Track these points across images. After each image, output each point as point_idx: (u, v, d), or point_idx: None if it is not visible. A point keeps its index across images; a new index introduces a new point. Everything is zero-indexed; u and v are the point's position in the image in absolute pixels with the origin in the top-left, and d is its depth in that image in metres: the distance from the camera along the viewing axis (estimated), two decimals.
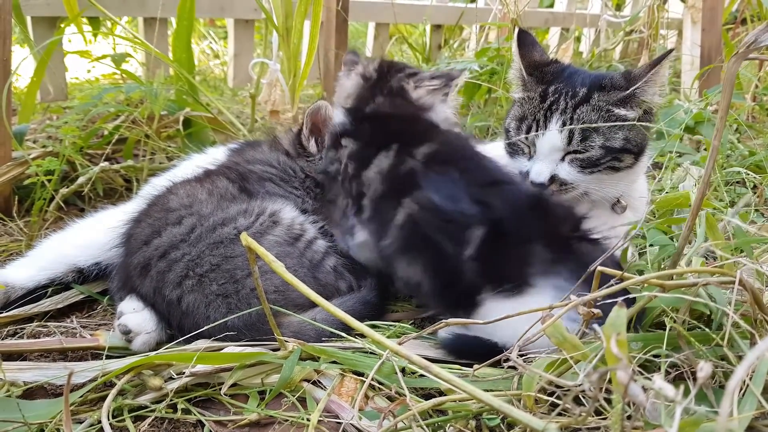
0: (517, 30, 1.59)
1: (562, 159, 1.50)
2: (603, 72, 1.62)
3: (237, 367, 1.15)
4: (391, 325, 1.37)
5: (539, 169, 1.49)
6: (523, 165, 1.55)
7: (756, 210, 1.80)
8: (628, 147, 1.47)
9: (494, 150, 1.77)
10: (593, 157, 1.47)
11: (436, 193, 1.31)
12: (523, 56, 1.58)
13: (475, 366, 1.13)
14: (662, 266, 1.32)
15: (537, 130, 1.50)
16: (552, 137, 1.48)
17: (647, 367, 1.08)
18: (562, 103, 1.49)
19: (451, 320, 1.10)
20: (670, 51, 1.51)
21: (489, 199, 1.29)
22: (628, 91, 1.46)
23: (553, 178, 1.49)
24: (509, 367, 1.10)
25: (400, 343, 1.16)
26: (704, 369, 0.68)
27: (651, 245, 1.37)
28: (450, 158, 1.40)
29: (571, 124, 1.46)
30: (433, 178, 1.34)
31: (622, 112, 1.46)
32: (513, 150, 1.57)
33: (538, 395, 1.00)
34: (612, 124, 1.45)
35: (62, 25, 2.53)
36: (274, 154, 1.61)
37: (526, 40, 1.61)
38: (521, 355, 1.07)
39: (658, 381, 0.69)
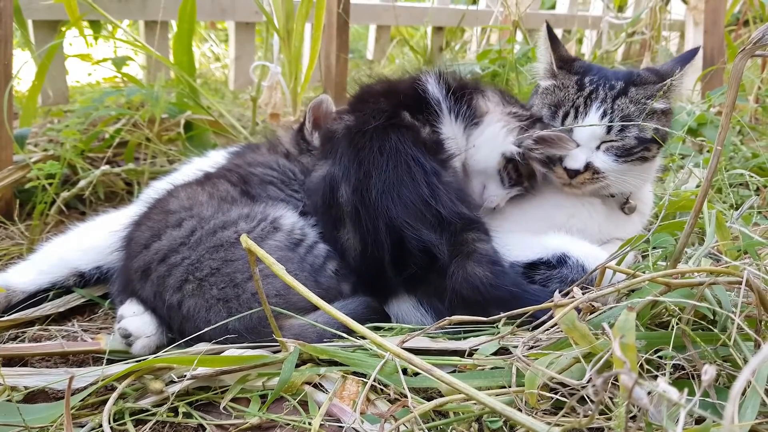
0: (545, 25, 1.60)
1: (597, 147, 1.51)
2: (626, 69, 1.65)
3: (237, 381, 1.14)
4: (394, 326, 1.36)
5: (575, 155, 1.50)
6: None
7: (759, 212, 1.79)
8: (656, 138, 1.51)
9: None
10: (628, 146, 1.50)
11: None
12: (554, 50, 1.60)
13: (475, 356, 1.14)
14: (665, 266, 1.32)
15: (576, 117, 1.52)
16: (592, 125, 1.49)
17: (651, 365, 1.07)
18: (601, 92, 1.51)
19: (454, 317, 1.10)
20: (697, 49, 1.56)
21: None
22: (664, 83, 1.50)
23: (587, 166, 1.50)
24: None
25: (403, 341, 1.17)
26: (708, 372, 0.67)
27: (654, 248, 1.36)
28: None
29: (611, 114, 1.49)
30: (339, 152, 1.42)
31: (657, 105, 1.50)
32: None
33: (542, 392, 0.99)
34: (629, 124, 1.46)
35: (63, 29, 2.54)
36: (273, 157, 1.61)
37: (552, 35, 1.63)
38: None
39: (663, 384, 0.69)
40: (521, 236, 1.50)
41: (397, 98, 1.47)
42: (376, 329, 1.30)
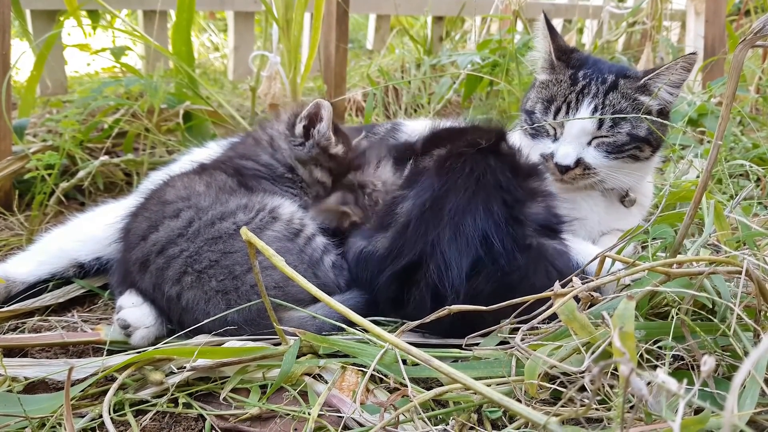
0: (543, 16, 1.60)
1: (589, 143, 1.50)
2: (624, 65, 1.65)
3: (237, 372, 1.15)
4: (393, 321, 1.36)
5: (566, 151, 1.50)
6: (547, 147, 1.54)
7: (759, 203, 1.79)
8: (649, 138, 1.50)
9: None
10: (619, 143, 1.49)
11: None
12: (553, 40, 1.59)
13: (476, 349, 1.14)
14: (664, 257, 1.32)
15: (567, 112, 1.51)
16: (583, 120, 1.48)
17: (651, 356, 1.07)
18: (593, 87, 1.50)
19: (453, 306, 1.10)
20: (692, 54, 1.54)
21: None
22: (641, 81, 1.50)
23: (578, 162, 1.49)
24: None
25: (402, 332, 1.17)
26: (707, 363, 0.67)
27: (654, 238, 1.36)
28: None
29: (602, 109, 1.48)
30: None
31: (645, 99, 1.49)
32: (536, 131, 1.57)
33: (542, 383, 0.99)
34: (628, 116, 1.47)
35: (61, 19, 2.52)
36: (256, 150, 1.55)
37: (551, 26, 1.62)
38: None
39: (662, 375, 0.69)
40: None
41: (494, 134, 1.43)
42: (376, 323, 1.29)
